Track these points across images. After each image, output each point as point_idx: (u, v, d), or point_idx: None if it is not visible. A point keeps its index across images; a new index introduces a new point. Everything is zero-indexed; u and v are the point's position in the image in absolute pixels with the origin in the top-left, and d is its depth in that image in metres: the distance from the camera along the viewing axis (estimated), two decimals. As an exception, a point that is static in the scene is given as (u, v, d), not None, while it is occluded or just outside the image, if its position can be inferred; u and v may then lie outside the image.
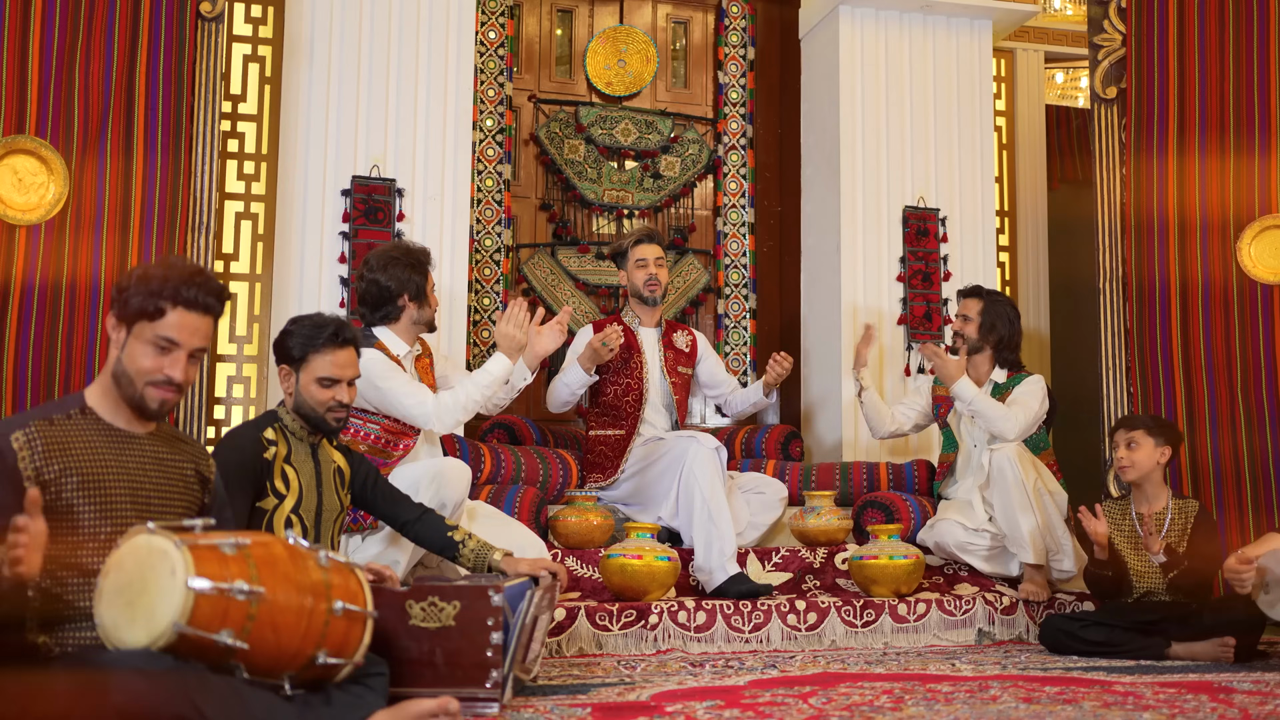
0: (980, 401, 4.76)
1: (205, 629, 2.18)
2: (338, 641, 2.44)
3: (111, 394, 2.49)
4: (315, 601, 2.39)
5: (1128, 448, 4.24)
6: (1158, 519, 4.22)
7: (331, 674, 2.47)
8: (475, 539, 3.43)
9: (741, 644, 4.22)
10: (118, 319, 2.46)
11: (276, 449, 3.25)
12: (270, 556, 2.37)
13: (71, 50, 4.29)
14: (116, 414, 2.50)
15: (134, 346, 2.45)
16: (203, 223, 4.51)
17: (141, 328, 2.44)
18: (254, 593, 2.25)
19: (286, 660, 2.35)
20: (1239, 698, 3.12)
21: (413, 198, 5.10)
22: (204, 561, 2.21)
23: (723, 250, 6.28)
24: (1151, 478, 4.25)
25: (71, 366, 4.19)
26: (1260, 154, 5.01)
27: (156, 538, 2.24)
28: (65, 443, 2.40)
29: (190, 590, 2.16)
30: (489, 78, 5.85)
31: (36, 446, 2.35)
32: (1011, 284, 6.45)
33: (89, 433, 2.45)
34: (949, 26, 6.02)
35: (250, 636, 2.25)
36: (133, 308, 2.43)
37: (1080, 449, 5.52)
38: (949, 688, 3.26)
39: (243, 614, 2.23)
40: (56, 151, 4.24)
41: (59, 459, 2.37)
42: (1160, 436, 4.23)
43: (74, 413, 2.46)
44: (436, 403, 3.98)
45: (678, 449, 4.68)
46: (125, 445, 2.49)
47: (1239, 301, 4.99)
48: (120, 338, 2.46)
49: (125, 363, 2.45)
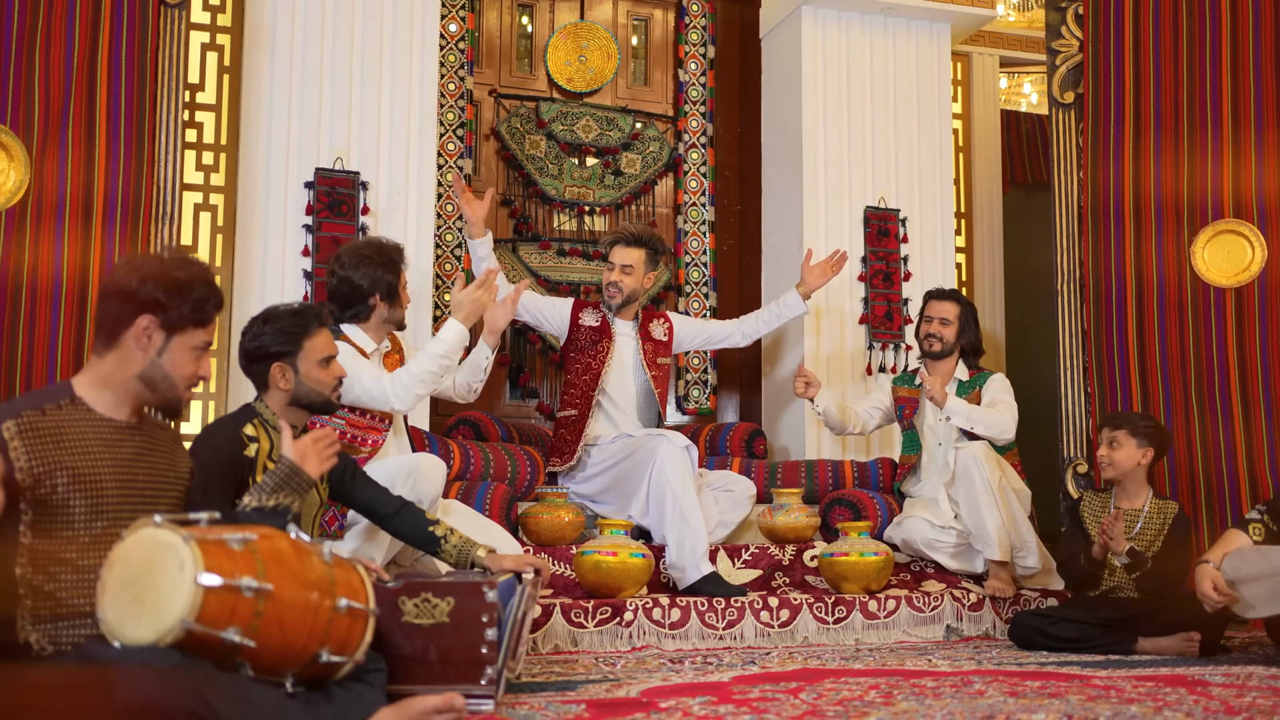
0: (975, 414, 4.83)
1: (213, 626, 2.15)
2: (340, 639, 2.41)
3: (112, 389, 2.46)
4: (320, 598, 2.36)
5: (1109, 446, 4.31)
6: (1131, 516, 4.29)
7: (333, 672, 2.43)
8: (457, 534, 3.40)
9: (716, 641, 4.23)
10: (160, 326, 2.44)
11: (258, 445, 3.19)
12: (276, 552, 2.34)
13: (32, 35, 4.20)
14: (108, 406, 2.46)
15: (179, 353, 2.48)
16: (166, 213, 4.42)
17: (190, 335, 2.48)
18: (261, 589, 2.21)
19: (291, 658, 2.32)
20: (1216, 690, 3.18)
21: (377, 191, 5.05)
22: (212, 557, 2.18)
23: (683, 248, 6.28)
24: (1132, 476, 4.33)
25: (34, 357, 4.11)
26: (1213, 157, 5.13)
27: (164, 531, 2.19)
28: (57, 434, 2.35)
29: (199, 586, 2.13)
30: (449, 71, 5.79)
31: (29, 437, 2.30)
32: (968, 284, 6.54)
33: (80, 424, 2.40)
34: (909, 29, 6.08)
35: (257, 634, 2.21)
36: (184, 317, 2.46)
37: (1037, 448, 5.60)
38: (933, 683, 3.29)
39: (250, 611, 2.20)
40: (17, 138, 4.15)
41: (51, 451, 2.32)
42: (1143, 438, 4.30)
43: (64, 403, 2.41)
44: (393, 379, 3.91)
45: (647, 447, 4.67)
46: (116, 436, 2.45)
47: (1193, 303, 5.11)
48: (158, 342, 2.45)
49: (168, 368, 2.47)
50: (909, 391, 5.21)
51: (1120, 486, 4.36)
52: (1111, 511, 4.32)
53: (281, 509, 2.85)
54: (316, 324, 3.25)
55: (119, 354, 2.45)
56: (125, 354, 2.45)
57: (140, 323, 2.43)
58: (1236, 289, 5.05)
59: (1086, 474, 5.14)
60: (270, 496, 2.85)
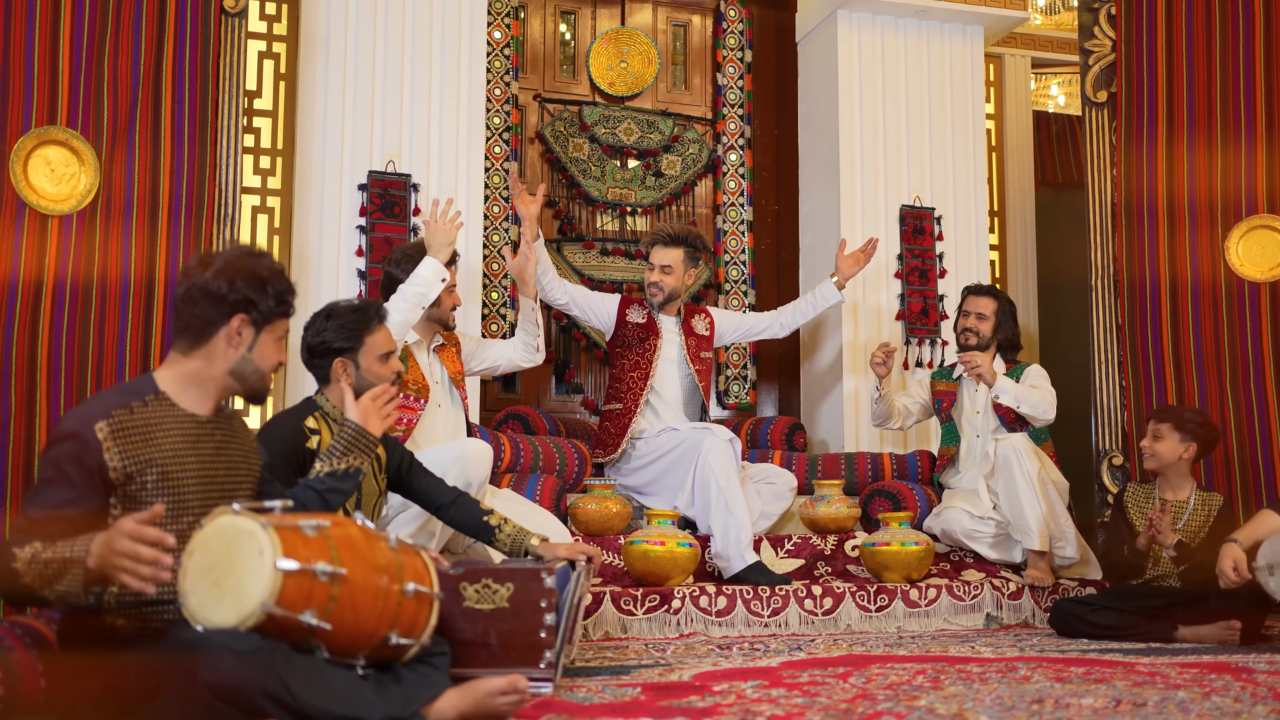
0: (1022, 394, 4.94)
1: (291, 609, 2.21)
2: (408, 622, 2.48)
3: (198, 384, 2.53)
4: (389, 582, 2.43)
5: (1153, 438, 4.35)
6: (1177, 509, 4.33)
7: (400, 654, 2.51)
8: (511, 524, 3.48)
9: (761, 628, 4.33)
10: (250, 323, 2.54)
11: (319, 437, 3.30)
12: (348, 538, 2.41)
13: (100, 42, 4.32)
14: (192, 401, 2.52)
15: (268, 345, 2.58)
16: (227, 215, 4.55)
17: (275, 326, 2.59)
18: (336, 574, 2.29)
19: (363, 640, 2.39)
20: (1261, 677, 3.20)
21: (427, 192, 5.17)
22: (289, 543, 2.25)
23: (722, 247, 6.40)
24: (1175, 469, 4.35)
25: (104, 355, 4.21)
26: (1246, 154, 5.18)
27: (242, 519, 2.26)
28: (146, 432, 2.41)
29: (279, 571, 2.19)
30: (495, 77, 5.93)
31: (120, 437, 2.36)
32: (1002, 281, 6.61)
33: (166, 420, 2.46)
34: (942, 32, 6.17)
35: (332, 617, 2.28)
36: (271, 311, 2.56)
37: (1069, 441, 5.67)
38: (978, 668, 3.34)
39: (325, 595, 2.27)
40: (87, 142, 4.27)
41: (141, 450, 2.39)
42: (1188, 434, 4.31)
43: (150, 399, 2.47)
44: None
45: (692, 440, 4.79)
46: (198, 431, 2.51)
47: (1227, 298, 5.16)
48: (248, 338, 2.54)
49: (258, 360, 2.57)
50: (947, 385, 5.30)
51: (1164, 478, 4.39)
52: (1156, 503, 4.34)
53: (353, 470, 2.99)
54: (377, 320, 3.36)
55: (207, 352, 2.52)
56: (215, 352, 2.52)
57: (234, 323, 2.51)
58: (1271, 283, 5.11)
59: (1122, 466, 5.20)
60: (340, 460, 2.99)
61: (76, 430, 2.35)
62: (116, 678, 2.33)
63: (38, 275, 4.12)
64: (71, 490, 2.32)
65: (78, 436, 2.34)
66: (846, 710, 2.68)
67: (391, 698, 2.41)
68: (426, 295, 4.19)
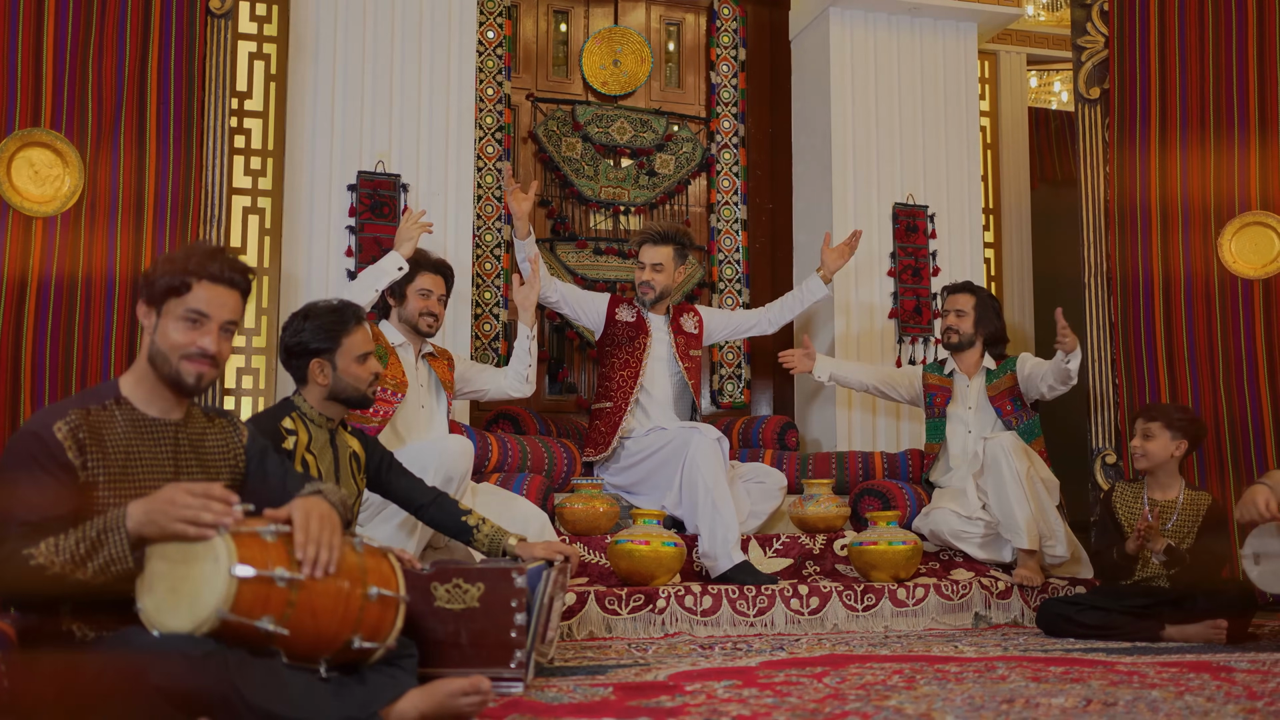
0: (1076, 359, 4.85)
1: (247, 615, 2.21)
2: (372, 625, 2.48)
3: (148, 380, 2.51)
4: (352, 586, 2.41)
5: (1143, 437, 4.31)
6: (1166, 509, 4.30)
7: (365, 657, 2.50)
8: (489, 524, 3.48)
9: (747, 628, 4.32)
10: (147, 303, 2.50)
11: (296, 437, 3.30)
12: (309, 542, 2.40)
13: (85, 44, 4.33)
14: (151, 402, 2.51)
15: (165, 325, 2.48)
16: (213, 215, 4.56)
17: (171, 305, 2.48)
18: (294, 580, 2.28)
19: (324, 645, 2.38)
20: (1240, 676, 3.20)
21: (416, 193, 5.18)
22: (246, 548, 2.24)
23: (716, 246, 6.39)
24: (1165, 467, 4.31)
25: (88, 356, 4.23)
26: (1240, 151, 5.16)
27: None
28: (99, 434, 2.41)
29: (234, 578, 2.19)
30: (488, 76, 5.93)
31: (78, 436, 2.36)
32: (997, 279, 6.59)
33: (122, 424, 2.45)
34: (935, 29, 6.15)
35: (290, 622, 2.27)
36: (160, 287, 2.48)
37: (1064, 439, 5.64)
38: (956, 668, 3.34)
39: (283, 600, 2.26)
40: (71, 144, 4.28)
41: (95, 451, 2.39)
42: (1178, 430, 4.27)
43: (109, 403, 2.46)
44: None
45: (680, 439, 4.79)
46: (160, 435, 2.50)
47: (1220, 295, 5.14)
48: (152, 322, 2.50)
49: (159, 342, 2.48)
50: (939, 380, 5.28)
51: (1152, 477, 4.34)
52: (1144, 503, 4.32)
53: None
54: (355, 321, 3.37)
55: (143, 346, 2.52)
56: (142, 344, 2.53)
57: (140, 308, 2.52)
58: (1264, 280, 5.08)
59: (1115, 464, 5.18)
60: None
61: (36, 431, 2.36)
62: (73, 680, 2.30)
63: (21, 277, 4.14)
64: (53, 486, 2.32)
65: (38, 437, 2.35)
66: (814, 710, 2.68)
67: (353, 698, 2.40)
68: (380, 279, 4.37)
